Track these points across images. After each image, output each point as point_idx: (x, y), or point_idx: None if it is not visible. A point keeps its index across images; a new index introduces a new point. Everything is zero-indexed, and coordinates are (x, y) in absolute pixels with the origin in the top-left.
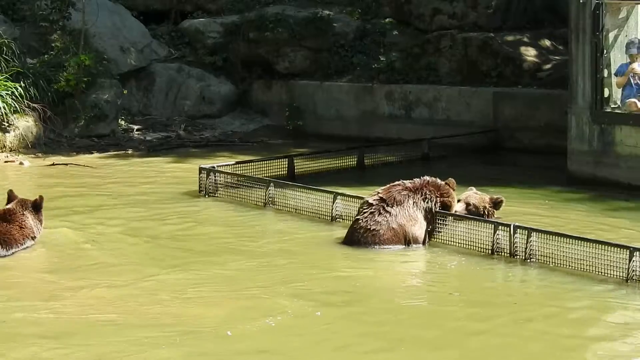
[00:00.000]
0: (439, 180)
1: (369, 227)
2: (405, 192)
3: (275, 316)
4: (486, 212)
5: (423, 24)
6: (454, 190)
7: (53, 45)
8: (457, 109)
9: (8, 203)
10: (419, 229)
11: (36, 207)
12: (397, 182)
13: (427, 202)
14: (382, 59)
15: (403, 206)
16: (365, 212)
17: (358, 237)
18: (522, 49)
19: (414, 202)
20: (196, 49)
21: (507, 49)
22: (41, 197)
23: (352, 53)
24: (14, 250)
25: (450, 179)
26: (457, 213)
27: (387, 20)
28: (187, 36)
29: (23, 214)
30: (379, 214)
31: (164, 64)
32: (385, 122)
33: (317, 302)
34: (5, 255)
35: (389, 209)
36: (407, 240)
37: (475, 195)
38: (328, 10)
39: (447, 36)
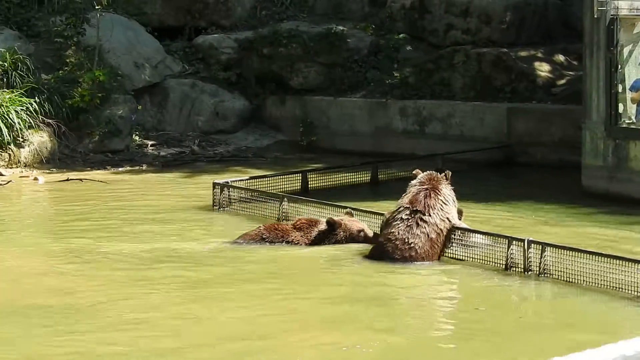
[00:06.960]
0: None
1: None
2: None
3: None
4: None
5: (437, 39)
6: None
7: (67, 61)
8: (470, 125)
9: None
10: None
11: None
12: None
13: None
14: (395, 74)
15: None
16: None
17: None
18: (536, 64)
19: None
20: (210, 64)
21: (521, 64)
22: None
23: (366, 68)
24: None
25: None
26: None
27: (400, 35)
28: (201, 52)
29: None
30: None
31: (178, 79)
32: (398, 137)
33: None
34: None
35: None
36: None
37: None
38: (342, 26)
39: (461, 51)
